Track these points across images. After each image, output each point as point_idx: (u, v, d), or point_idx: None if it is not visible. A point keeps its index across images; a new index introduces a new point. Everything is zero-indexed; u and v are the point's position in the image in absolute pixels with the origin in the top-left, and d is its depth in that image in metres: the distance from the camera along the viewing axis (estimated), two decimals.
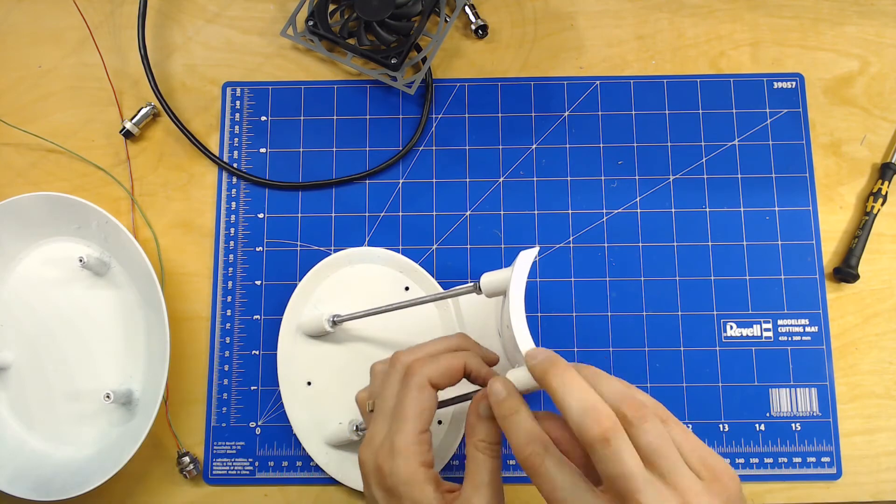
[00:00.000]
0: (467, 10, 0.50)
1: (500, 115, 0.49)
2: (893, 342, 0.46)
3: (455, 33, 0.51)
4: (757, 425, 0.45)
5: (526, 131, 0.49)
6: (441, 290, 0.44)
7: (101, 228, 0.45)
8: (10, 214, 0.45)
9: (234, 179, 0.49)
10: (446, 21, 0.48)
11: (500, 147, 0.48)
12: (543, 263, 0.47)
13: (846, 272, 0.46)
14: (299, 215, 0.48)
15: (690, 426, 0.45)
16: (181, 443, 0.45)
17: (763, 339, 0.46)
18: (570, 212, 0.47)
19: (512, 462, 0.44)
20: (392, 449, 0.32)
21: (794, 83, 0.49)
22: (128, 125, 0.48)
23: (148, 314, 0.45)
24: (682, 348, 0.46)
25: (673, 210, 0.47)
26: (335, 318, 0.43)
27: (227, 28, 0.51)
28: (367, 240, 0.47)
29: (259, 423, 0.45)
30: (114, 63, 0.50)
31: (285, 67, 0.50)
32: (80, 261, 0.44)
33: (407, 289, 0.45)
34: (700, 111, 0.49)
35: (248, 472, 0.45)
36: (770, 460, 0.44)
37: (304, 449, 0.45)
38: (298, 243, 0.47)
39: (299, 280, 0.47)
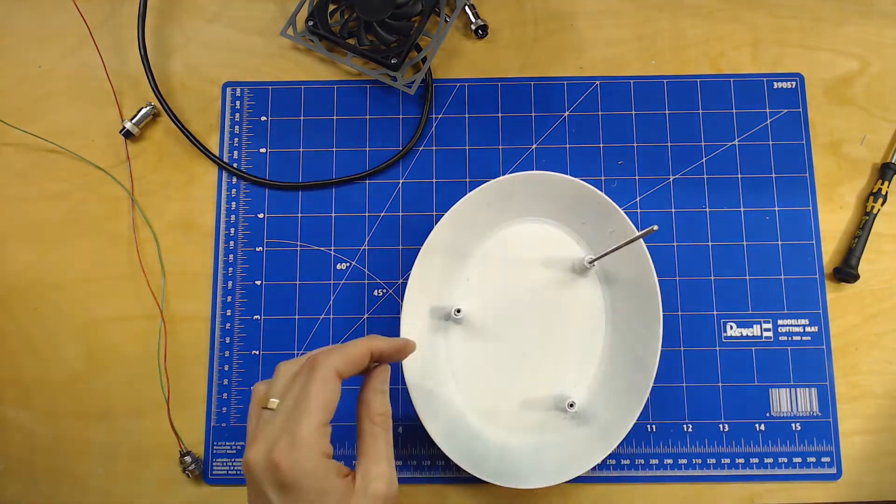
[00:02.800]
0: (467, 10, 0.50)
1: (500, 115, 0.49)
2: (893, 342, 0.46)
3: (455, 33, 0.51)
4: (757, 425, 0.45)
5: (526, 131, 0.49)
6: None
7: (612, 236, 0.43)
8: (538, 184, 0.44)
9: (234, 179, 0.49)
10: (446, 21, 0.48)
11: (500, 147, 0.48)
12: None
13: (846, 272, 0.46)
14: (299, 215, 0.48)
15: (691, 426, 0.45)
16: (183, 443, 0.45)
17: (763, 339, 0.46)
18: None
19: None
20: (294, 441, 0.30)
21: (794, 83, 0.49)
22: (128, 125, 0.48)
23: (629, 325, 0.43)
24: (682, 348, 0.46)
25: (673, 210, 0.47)
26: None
27: (227, 28, 0.51)
28: (367, 240, 0.47)
29: None
30: (114, 63, 0.50)
31: (285, 67, 0.50)
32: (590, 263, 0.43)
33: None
34: (700, 111, 0.49)
35: None
36: (770, 460, 0.44)
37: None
38: (298, 243, 0.47)
39: (299, 279, 0.47)
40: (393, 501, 0.33)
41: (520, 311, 0.44)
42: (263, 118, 0.49)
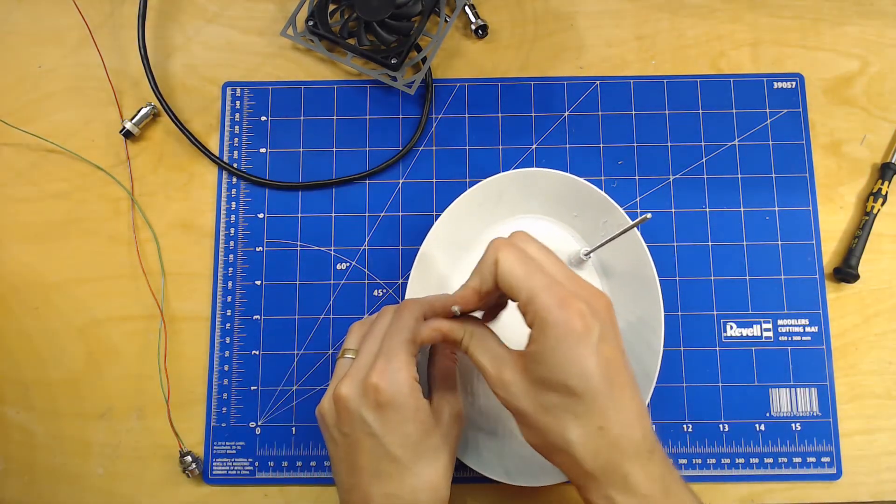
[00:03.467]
0: (467, 10, 0.50)
1: (500, 115, 0.49)
2: (893, 342, 0.46)
3: (455, 33, 0.51)
4: (757, 425, 0.45)
5: (526, 131, 0.49)
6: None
7: (605, 227, 0.44)
8: (527, 181, 0.45)
9: (234, 179, 0.49)
10: (446, 21, 0.48)
11: (500, 147, 0.48)
12: None
13: (846, 272, 0.46)
14: (299, 215, 0.48)
15: (691, 426, 0.45)
16: (183, 442, 0.45)
17: (763, 339, 0.46)
18: None
19: None
20: (390, 362, 0.34)
21: (794, 83, 0.49)
22: (128, 125, 0.48)
23: (629, 318, 0.43)
24: (682, 348, 0.46)
25: (673, 210, 0.47)
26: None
27: (227, 28, 0.51)
28: (367, 240, 0.47)
29: (259, 423, 0.45)
30: (114, 63, 0.50)
31: (285, 67, 0.50)
32: (586, 255, 0.43)
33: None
34: (700, 111, 0.49)
35: (248, 472, 0.45)
36: (770, 460, 0.44)
37: (303, 449, 0.45)
38: (298, 243, 0.47)
39: (299, 279, 0.47)
40: (462, 421, 0.38)
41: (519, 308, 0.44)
42: (263, 118, 0.49)
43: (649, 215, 0.36)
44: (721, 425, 0.45)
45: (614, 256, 0.44)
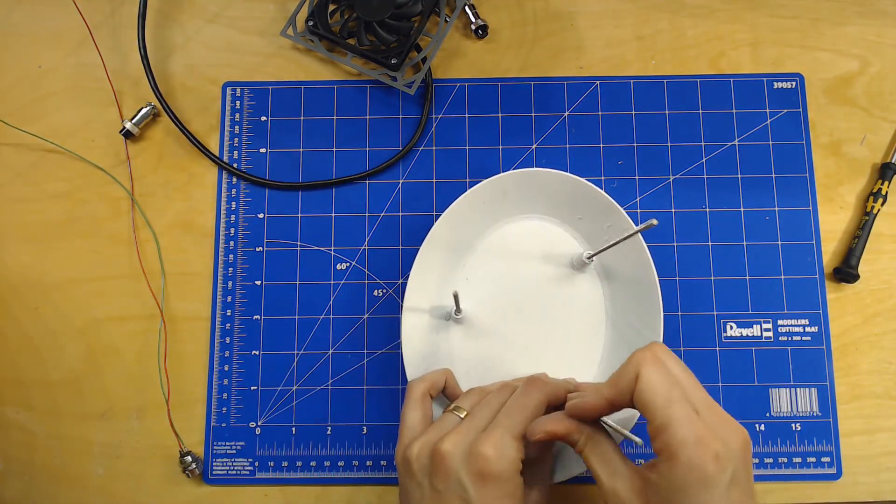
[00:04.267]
0: (467, 10, 0.50)
1: (500, 115, 0.49)
2: (893, 342, 0.46)
3: (455, 33, 0.51)
4: (757, 425, 0.45)
5: (526, 131, 0.49)
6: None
7: (609, 230, 0.43)
8: (532, 182, 0.44)
9: (234, 179, 0.49)
10: (446, 21, 0.48)
11: (500, 147, 0.48)
12: None
13: (846, 272, 0.46)
14: (299, 215, 0.48)
15: None
16: (183, 442, 0.45)
17: (763, 339, 0.46)
18: None
19: None
20: (503, 439, 0.33)
21: (794, 83, 0.49)
22: (128, 125, 0.48)
23: (629, 321, 0.43)
24: (682, 348, 0.46)
25: (673, 210, 0.47)
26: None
27: (227, 28, 0.51)
28: (367, 240, 0.47)
29: (259, 423, 0.45)
30: (114, 63, 0.50)
31: (285, 67, 0.50)
32: (588, 259, 0.43)
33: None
34: (700, 111, 0.49)
35: (248, 472, 0.45)
36: (770, 460, 0.44)
37: (303, 449, 0.45)
38: (298, 243, 0.48)
39: (299, 279, 0.47)
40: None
41: (519, 309, 0.44)
42: (263, 118, 0.49)
43: (655, 221, 0.35)
44: None
45: (616, 259, 0.44)
